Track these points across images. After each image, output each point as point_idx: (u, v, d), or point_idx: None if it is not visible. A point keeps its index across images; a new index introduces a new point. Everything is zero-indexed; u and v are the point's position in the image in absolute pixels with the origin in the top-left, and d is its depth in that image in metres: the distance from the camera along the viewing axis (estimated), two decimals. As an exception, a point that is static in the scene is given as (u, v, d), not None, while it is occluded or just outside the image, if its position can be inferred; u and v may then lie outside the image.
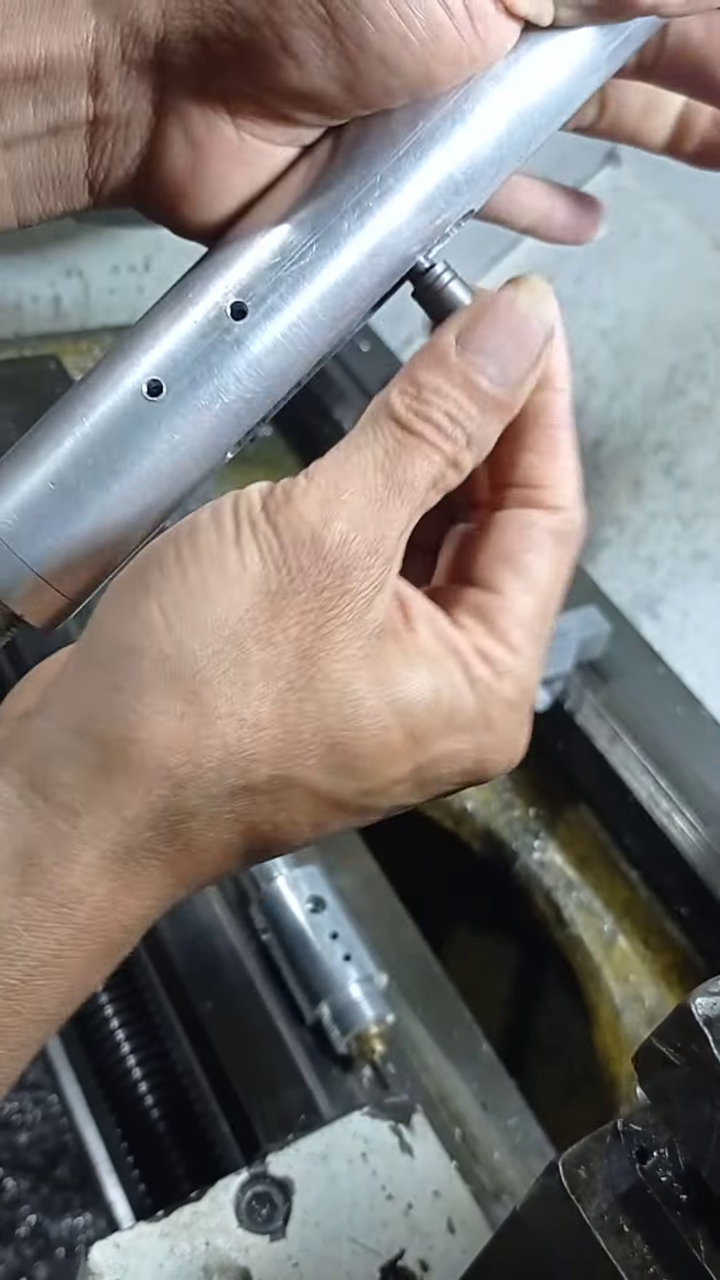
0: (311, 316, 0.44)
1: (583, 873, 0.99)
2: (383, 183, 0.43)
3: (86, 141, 0.43)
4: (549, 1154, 0.74)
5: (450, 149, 0.43)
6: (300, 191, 0.43)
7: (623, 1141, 0.35)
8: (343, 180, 0.43)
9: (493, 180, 0.44)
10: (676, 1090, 0.33)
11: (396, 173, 0.43)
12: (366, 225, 0.43)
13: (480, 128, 0.43)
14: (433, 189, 0.43)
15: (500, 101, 0.42)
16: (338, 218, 0.43)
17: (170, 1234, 0.59)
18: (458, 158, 0.43)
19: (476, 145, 0.43)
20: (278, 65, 0.40)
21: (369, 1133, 0.64)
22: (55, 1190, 0.81)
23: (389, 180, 0.43)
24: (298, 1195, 0.61)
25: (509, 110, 0.43)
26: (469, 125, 0.43)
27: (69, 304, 1.29)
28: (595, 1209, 0.35)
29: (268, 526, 0.40)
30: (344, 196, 0.43)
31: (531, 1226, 0.38)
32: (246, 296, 0.43)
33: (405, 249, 0.44)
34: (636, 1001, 0.91)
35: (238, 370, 0.44)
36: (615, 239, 1.48)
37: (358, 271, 0.44)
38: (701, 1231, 0.33)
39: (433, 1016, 0.79)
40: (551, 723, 0.98)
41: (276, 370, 0.44)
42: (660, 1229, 0.34)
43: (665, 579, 1.28)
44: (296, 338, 0.44)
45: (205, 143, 0.42)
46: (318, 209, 0.43)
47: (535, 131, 0.44)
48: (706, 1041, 0.32)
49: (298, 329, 0.44)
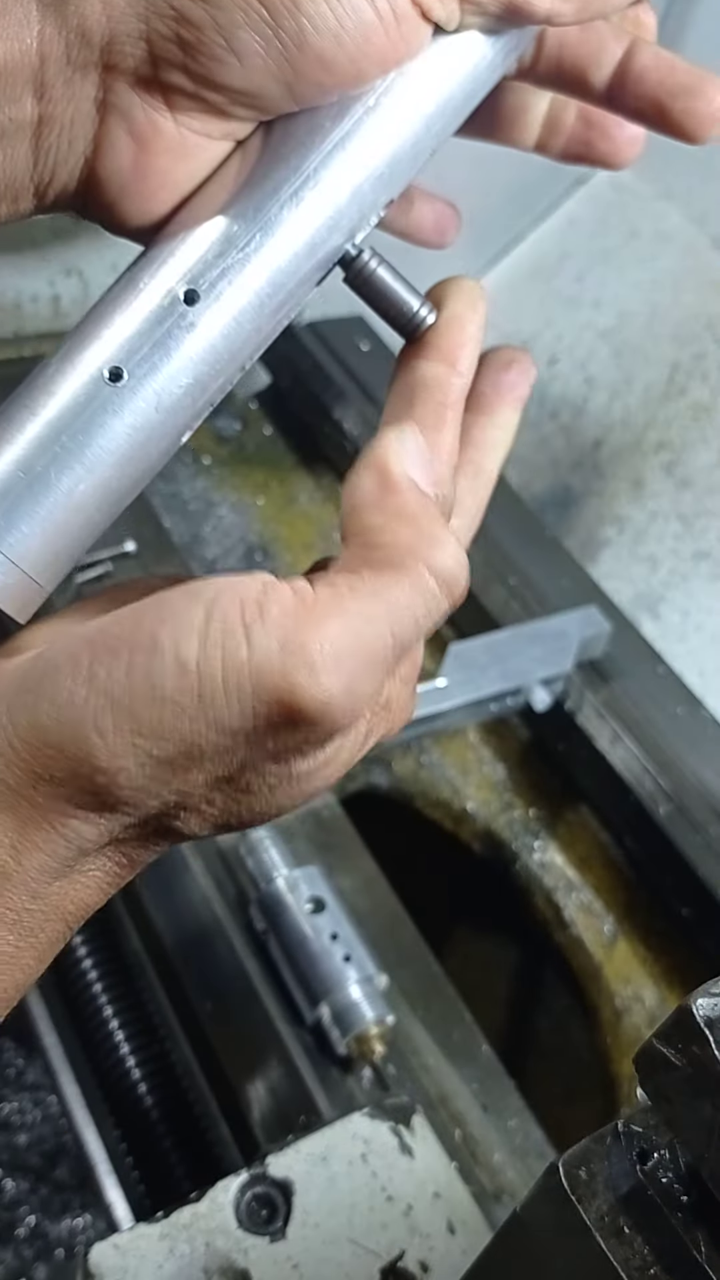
0: (258, 300, 0.46)
1: (583, 873, 0.99)
2: (315, 174, 0.46)
3: (31, 144, 0.44)
4: (549, 1155, 0.74)
5: (374, 142, 0.46)
6: (237, 184, 0.46)
7: (623, 1142, 0.35)
8: (278, 172, 0.46)
9: (409, 171, 0.48)
10: (677, 1091, 0.33)
11: (327, 165, 0.46)
12: (303, 214, 0.46)
13: (399, 122, 0.46)
14: (360, 179, 0.46)
15: (415, 98, 0.46)
16: (277, 207, 0.45)
17: (170, 1235, 0.59)
18: (381, 151, 0.46)
19: (396, 139, 0.46)
20: (221, 64, 0.42)
21: (369, 1134, 0.64)
22: (54, 1191, 0.81)
23: (321, 172, 0.46)
24: (298, 1196, 0.61)
25: (422, 106, 0.47)
26: (390, 120, 0.46)
27: (68, 303, 1.29)
28: (596, 1210, 0.35)
29: (267, 696, 0.39)
30: (280, 187, 0.46)
31: (532, 1228, 0.38)
32: (198, 284, 0.45)
33: (338, 237, 0.47)
34: (637, 1002, 0.91)
35: (193, 354, 0.46)
36: (616, 238, 1.48)
37: (298, 258, 0.46)
38: (702, 1233, 0.33)
39: (433, 1017, 0.79)
40: (552, 723, 0.98)
41: (228, 353, 0.46)
42: (661, 1230, 0.34)
43: (666, 578, 1.28)
44: (245, 321, 0.46)
45: (148, 138, 0.44)
46: (258, 200, 0.46)
47: (444, 126, 0.48)
48: (707, 1042, 0.32)
49: (246, 313, 0.46)
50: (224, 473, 1.21)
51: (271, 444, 1.26)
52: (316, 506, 1.20)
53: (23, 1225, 0.79)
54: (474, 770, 1.04)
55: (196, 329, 0.46)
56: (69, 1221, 0.80)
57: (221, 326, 0.46)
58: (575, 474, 1.40)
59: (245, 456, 1.24)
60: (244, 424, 1.26)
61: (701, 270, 1.41)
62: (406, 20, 0.43)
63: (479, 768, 1.05)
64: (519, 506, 1.14)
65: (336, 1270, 0.59)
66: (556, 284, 1.51)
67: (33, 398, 0.46)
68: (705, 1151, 0.33)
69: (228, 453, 1.24)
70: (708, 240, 1.42)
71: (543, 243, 1.52)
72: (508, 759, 1.05)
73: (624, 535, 1.33)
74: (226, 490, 1.20)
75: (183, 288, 0.45)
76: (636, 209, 1.47)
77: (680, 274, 1.42)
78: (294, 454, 1.25)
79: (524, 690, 0.94)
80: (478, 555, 1.07)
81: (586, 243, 1.50)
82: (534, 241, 1.53)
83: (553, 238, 1.53)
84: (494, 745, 1.06)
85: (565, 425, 1.43)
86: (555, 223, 1.53)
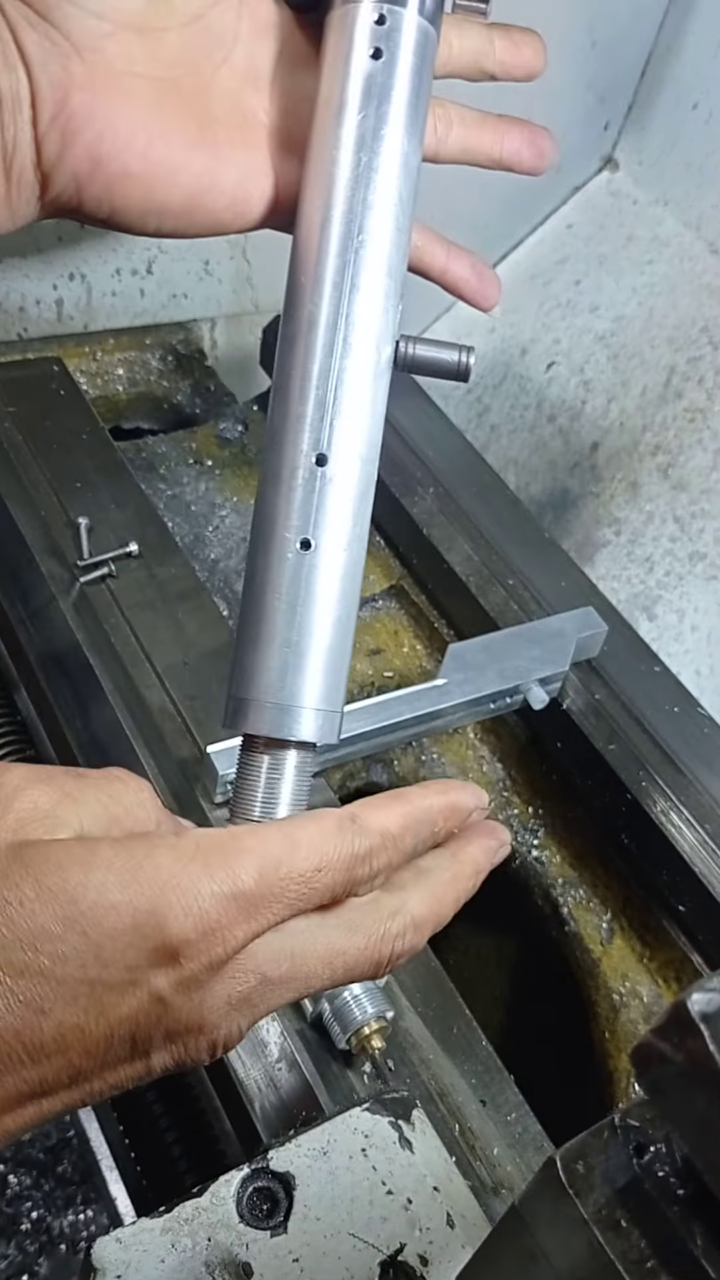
0: (371, 439, 0.63)
1: (580, 870, 0.99)
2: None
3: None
4: (547, 1149, 0.75)
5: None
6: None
7: (620, 1136, 0.35)
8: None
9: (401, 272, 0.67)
10: (673, 1085, 0.33)
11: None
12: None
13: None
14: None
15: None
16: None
17: (172, 1229, 0.59)
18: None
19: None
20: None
21: (369, 1128, 0.64)
22: (58, 1186, 0.81)
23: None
24: (299, 1190, 0.61)
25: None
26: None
27: (71, 307, 1.29)
28: (593, 1203, 0.35)
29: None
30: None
31: (530, 1221, 0.38)
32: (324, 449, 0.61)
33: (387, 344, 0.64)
34: (634, 998, 0.92)
35: (337, 512, 0.61)
36: (612, 244, 1.48)
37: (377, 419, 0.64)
38: (698, 1226, 0.33)
39: (432, 1013, 0.79)
40: (549, 722, 0.99)
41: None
42: (658, 1223, 0.34)
43: (662, 579, 1.29)
44: (363, 462, 0.63)
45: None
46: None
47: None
48: (702, 1037, 0.32)
49: (360, 451, 0.62)
50: (226, 475, 1.22)
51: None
52: (316, 507, 1.21)
53: (26, 1220, 0.80)
54: (473, 768, 1.05)
55: (329, 487, 0.61)
56: (72, 1216, 0.80)
57: (350, 485, 0.62)
58: (572, 476, 1.41)
59: (247, 459, 1.24)
60: (246, 427, 1.27)
61: (697, 275, 1.41)
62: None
63: (478, 766, 1.05)
64: (517, 508, 1.14)
65: (337, 1264, 0.59)
66: (554, 289, 1.52)
67: (251, 581, 0.61)
68: (701, 1145, 0.33)
69: (229, 455, 1.24)
70: (703, 245, 1.42)
71: (540, 248, 1.52)
72: (506, 757, 1.06)
73: (621, 537, 1.33)
74: (228, 492, 1.20)
75: (315, 455, 0.61)
76: (633, 214, 1.48)
77: (676, 279, 1.42)
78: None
79: (522, 689, 0.94)
80: (477, 557, 1.08)
81: (583, 248, 1.50)
82: (531, 247, 1.53)
83: (550, 243, 1.53)
84: (492, 744, 1.07)
85: (563, 428, 1.43)
86: (552, 228, 1.53)
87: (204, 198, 0.70)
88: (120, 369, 1.35)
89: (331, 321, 0.62)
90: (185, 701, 0.89)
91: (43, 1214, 0.80)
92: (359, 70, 0.64)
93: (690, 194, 1.42)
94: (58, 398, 1.12)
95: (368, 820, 0.52)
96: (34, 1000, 0.42)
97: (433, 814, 0.55)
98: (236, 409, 1.31)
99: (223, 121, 0.70)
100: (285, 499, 0.60)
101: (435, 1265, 0.60)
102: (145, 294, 1.34)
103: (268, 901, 0.46)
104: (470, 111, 0.75)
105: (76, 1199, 0.81)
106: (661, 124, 1.45)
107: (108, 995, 0.43)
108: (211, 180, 0.69)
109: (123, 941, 0.43)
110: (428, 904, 0.54)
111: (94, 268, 1.28)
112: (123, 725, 0.87)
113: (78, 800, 0.48)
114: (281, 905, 0.47)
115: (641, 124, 1.48)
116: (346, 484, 0.61)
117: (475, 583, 1.06)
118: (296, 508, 0.60)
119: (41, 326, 1.29)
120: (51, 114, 0.64)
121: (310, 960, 0.49)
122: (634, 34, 1.42)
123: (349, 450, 0.61)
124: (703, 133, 1.40)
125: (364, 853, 0.50)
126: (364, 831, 0.51)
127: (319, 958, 0.49)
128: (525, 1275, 0.39)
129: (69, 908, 0.42)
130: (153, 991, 0.44)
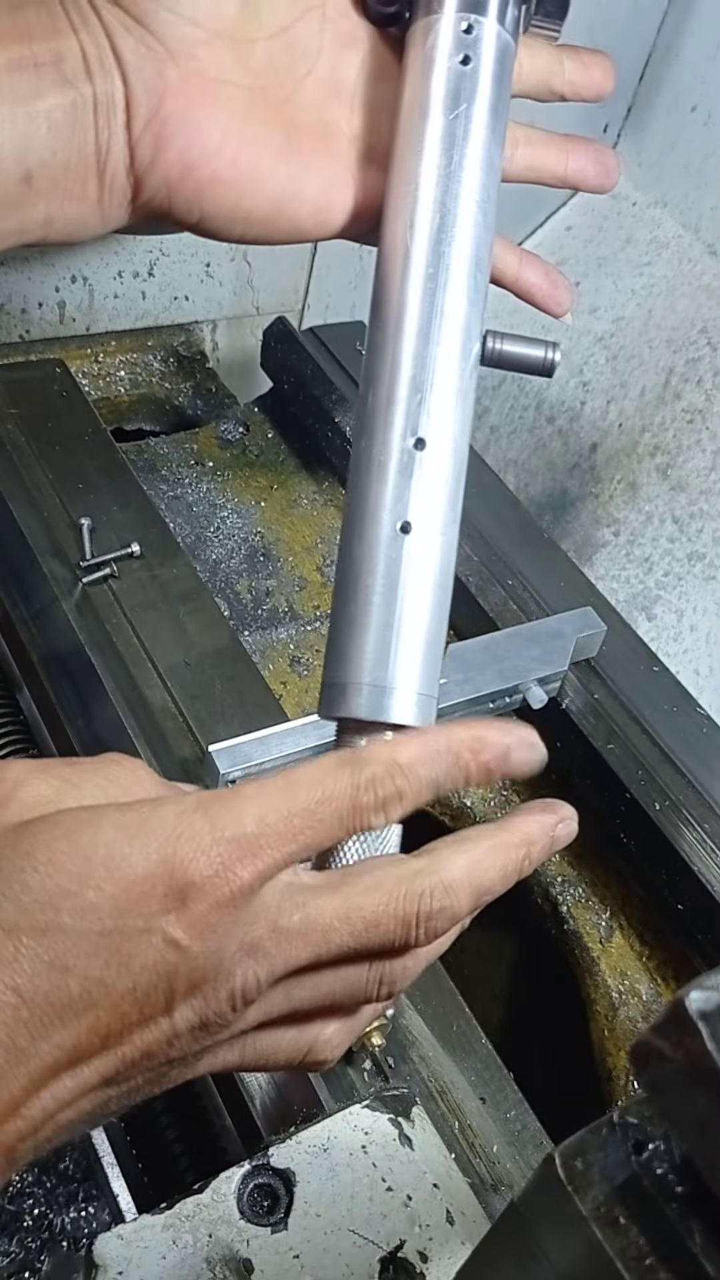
0: (464, 427, 0.63)
1: (579, 869, 0.99)
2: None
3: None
4: (546, 1146, 0.75)
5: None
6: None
7: (619, 1134, 0.35)
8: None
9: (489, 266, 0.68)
10: (672, 1083, 0.33)
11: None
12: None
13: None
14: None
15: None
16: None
17: (173, 1226, 0.59)
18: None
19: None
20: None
21: (369, 1125, 0.65)
22: (59, 1182, 0.81)
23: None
24: (299, 1187, 0.61)
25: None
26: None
27: (73, 309, 1.30)
28: (592, 1200, 0.35)
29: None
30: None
31: (529, 1218, 0.38)
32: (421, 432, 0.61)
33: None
34: (633, 996, 0.92)
35: (435, 495, 0.61)
36: (611, 246, 1.48)
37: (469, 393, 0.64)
38: (696, 1223, 0.33)
39: (432, 1010, 0.79)
40: (548, 721, 0.99)
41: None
42: (656, 1220, 0.34)
43: (661, 580, 1.29)
44: (456, 440, 0.62)
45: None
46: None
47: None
48: (700, 1035, 0.32)
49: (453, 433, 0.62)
50: (227, 476, 1.22)
51: (274, 447, 1.26)
52: (317, 509, 1.21)
53: (28, 1216, 0.80)
54: (472, 769, 1.05)
55: (422, 470, 0.60)
56: (74, 1212, 0.80)
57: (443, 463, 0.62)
58: (572, 477, 1.41)
59: (248, 460, 1.24)
60: (247, 428, 1.27)
61: (696, 276, 1.42)
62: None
63: (477, 766, 1.05)
64: (516, 509, 1.15)
65: (337, 1260, 0.59)
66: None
67: (344, 565, 0.61)
68: (700, 1143, 0.33)
69: (231, 456, 1.24)
70: (702, 247, 1.42)
71: (540, 250, 1.52)
72: (505, 758, 1.06)
73: (620, 537, 1.34)
74: (230, 493, 1.20)
75: (413, 438, 0.61)
76: (632, 216, 1.48)
77: (675, 280, 1.42)
78: (295, 457, 1.25)
79: (521, 689, 0.95)
80: (477, 557, 1.08)
81: (582, 250, 1.51)
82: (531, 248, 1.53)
83: (549, 245, 1.53)
84: (491, 744, 1.07)
85: (562, 429, 1.43)
86: (551, 231, 1.54)
87: (288, 205, 0.70)
88: (122, 371, 1.35)
89: (426, 311, 0.62)
90: (187, 701, 0.89)
91: (44, 1211, 0.80)
92: (449, 75, 0.66)
93: (689, 196, 1.42)
94: (60, 399, 1.13)
95: (373, 751, 0.51)
96: (58, 958, 0.44)
97: (454, 745, 0.53)
98: (237, 410, 1.31)
99: (307, 132, 0.70)
100: (384, 482, 0.60)
101: (435, 1262, 0.60)
102: (147, 296, 1.34)
103: (271, 840, 0.47)
104: (536, 131, 0.76)
105: (78, 1196, 0.81)
106: (660, 126, 1.46)
107: (125, 944, 0.45)
108: (296, 188, 0.70)
109: (136, 891, 0.45)
110: (462, 867, 0.53)
111: (96, 270, 1.28)
112: (125, 725, 0.87)
113: (77, 785, 0.50)
114: (287, 843, 0.47)
115: (640, 126, 1.48)
116: (444, 467, 0.61)
117: (475, 583, 1.06)
118: (397, 491, 0.60)
119: (44, 329, 1.29)
120: (146, 119, 0.65)
121: (325, 913, 0.49)
122: (633, 36, 1.42)
123: (445, 434, 0.61)
124: (701, 135, 1.40)
125: (366, 780, 0.50)
126: (367, 761, 0.50)
127: (334, 911, 0.49)
128: (524, 1272, 0.39)
129: (82, 865, 0.44)
130: (167, 936, 0.45)
